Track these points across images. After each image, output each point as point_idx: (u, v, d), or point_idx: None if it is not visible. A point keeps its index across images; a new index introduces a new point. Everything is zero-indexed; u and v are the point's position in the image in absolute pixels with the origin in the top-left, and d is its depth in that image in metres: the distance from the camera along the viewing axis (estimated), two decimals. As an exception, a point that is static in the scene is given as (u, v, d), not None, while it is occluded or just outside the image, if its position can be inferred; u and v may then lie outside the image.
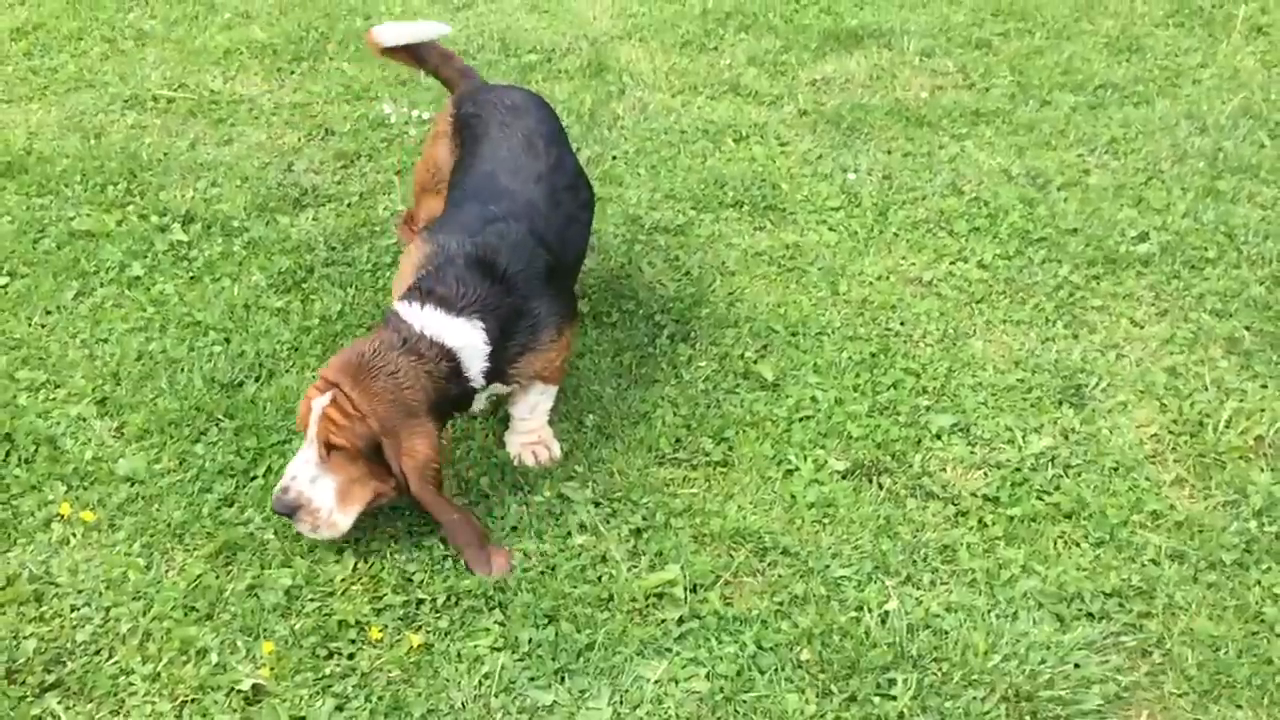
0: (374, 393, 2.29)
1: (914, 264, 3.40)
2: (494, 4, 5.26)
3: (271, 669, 2.14)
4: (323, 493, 2.31)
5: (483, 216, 2.56)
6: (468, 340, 2.40)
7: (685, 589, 2.34)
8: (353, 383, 2.29)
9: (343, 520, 2.34)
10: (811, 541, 2.47)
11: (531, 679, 2.16)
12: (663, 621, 2.28)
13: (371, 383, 2.30)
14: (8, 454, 2.62)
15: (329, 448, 2.30)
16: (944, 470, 2.67)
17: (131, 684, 2.12)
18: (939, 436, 2.75)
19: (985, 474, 2.65)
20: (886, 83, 4.52)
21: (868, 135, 4.12)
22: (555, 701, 2.12)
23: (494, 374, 2.47)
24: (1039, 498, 2.58)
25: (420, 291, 2.43)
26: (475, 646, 2.22)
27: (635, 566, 2.40)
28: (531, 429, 2.69)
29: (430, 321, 2.38)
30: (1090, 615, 2.31)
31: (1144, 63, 4.67)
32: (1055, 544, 2.48)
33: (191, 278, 3.29)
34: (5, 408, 2.75)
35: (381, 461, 2.31)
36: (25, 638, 2.18)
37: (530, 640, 2.23)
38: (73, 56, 4.60)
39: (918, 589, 2.37)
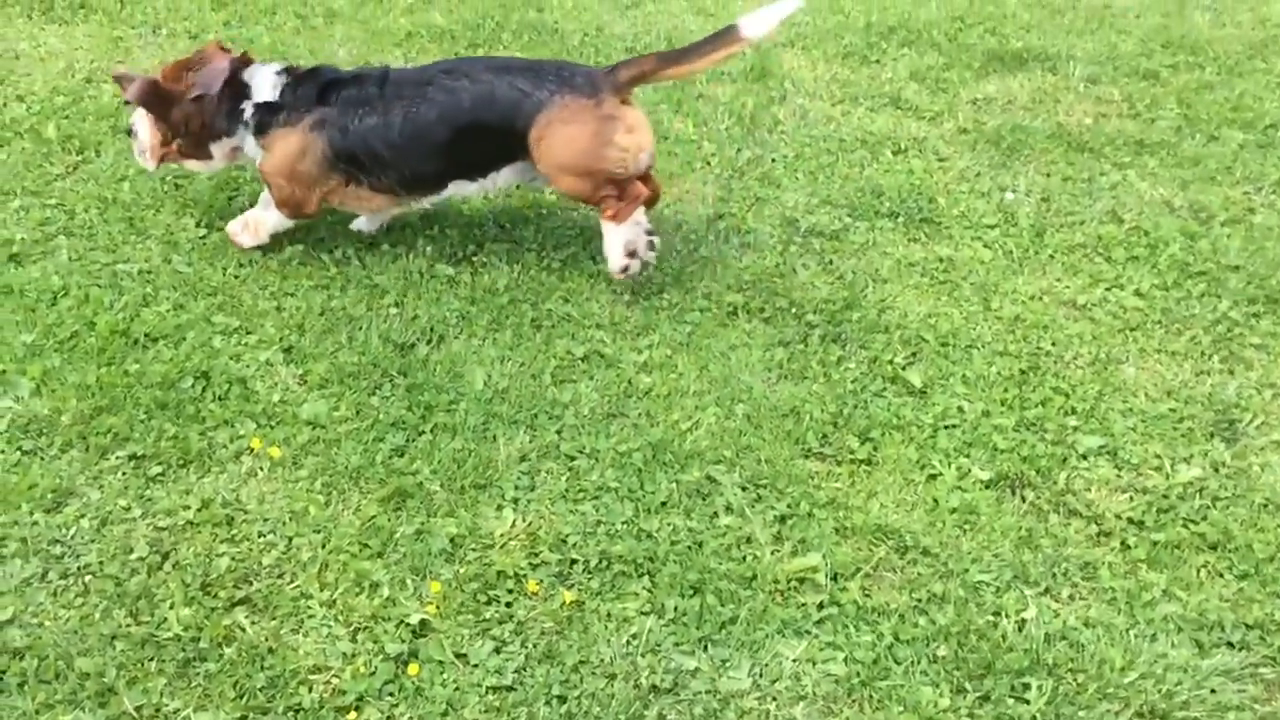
0: None
1: (1068, 287, 3.42)
2: (661, 4, 5.41)
3: (437, 607, 2.30)
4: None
5: None
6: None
7: (827, 576, 2.43)
8: None
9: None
10: (952, 545, 2.53)
11: (676, 644, 2.28)
12: (803, 605, 2.37)
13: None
14: (204, 389, 2.84)
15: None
16: (1089, 490, 2.70)
17: (310, 608, 2.30)
18: (1085, 457, 2.78)
19: (1131, 498, 2.67)
20: (1049, 106, 4.52)
21: (1027, 157, 4.14)
22: (698, 667, 2.23)
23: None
24: (1185, 526, 2.60)
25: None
26: (624, 608, 2.34)
27: (778, 550, 2.50)
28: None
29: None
30: (1230, 644, 2.33)
31: (1320, 104, 4.58)
32: (1198, 572, 2.49)
33: (371, 243, 3.49)
34: (202, 348, 2.98)
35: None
36: (219, 555, 2.38)
37: (676, 608, 2.34)
38: (268, 29, 4.89)
39: (1056, 601, 2.41)
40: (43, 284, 3.15)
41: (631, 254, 3.22)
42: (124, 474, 2.57)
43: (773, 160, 4.08)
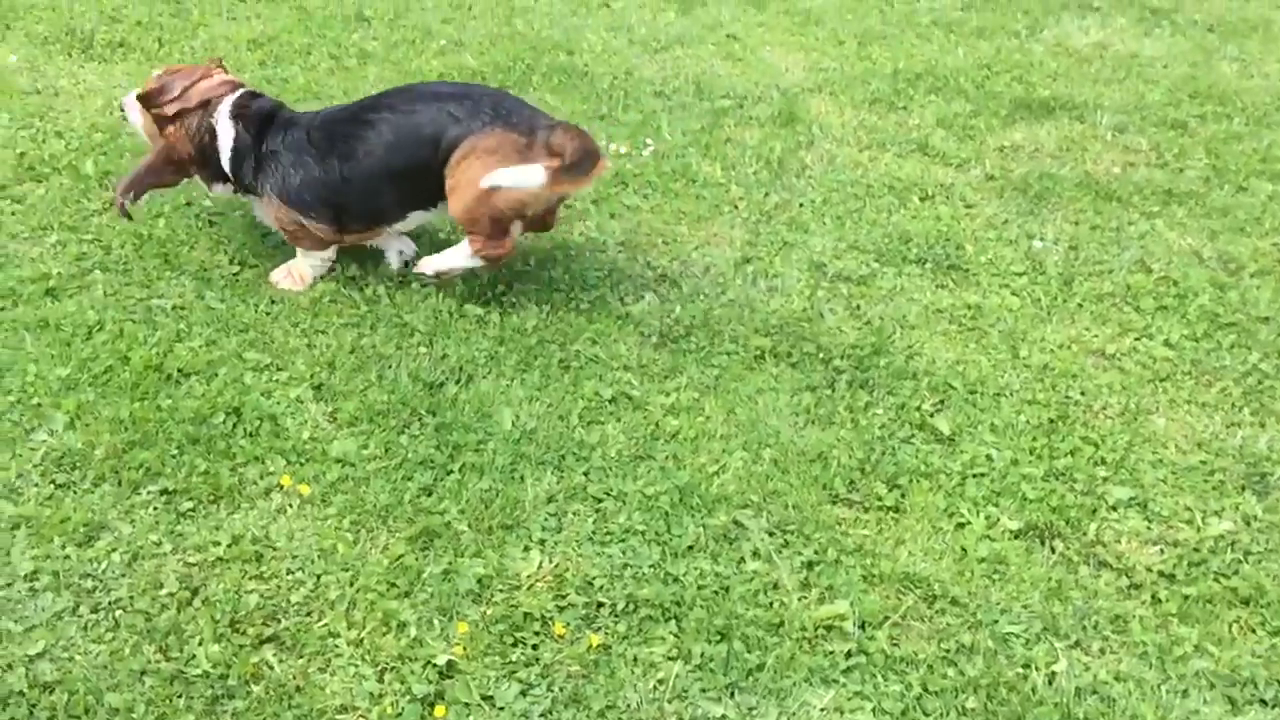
0: None
1: (1097, 336, 3.41)
2: (690, 48, 5.46)
3: (464, 648, 2.30)
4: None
5: None
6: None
7: (854, 624, 2.41)
8: None
9: None
10: (981, 595, 2.51)
11: (703, 690, 2.27)
12: (831, 653, 2.36)
13: None
14: (235, 425, 2.86)
15: None
16: (1119, 542, 2.68)
17: (338, 646, 2.30)
18: (1115, 508, 2.77)
19: (1161, 550, 2.65)
20: (1076, 155, 4.53)
21: (1055, 205, 4.15)
22: (725, 715, 2.22)
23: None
24: (1216, 580, 2.57)
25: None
26: (651, 653, 2.34)
27: (806, 597, 2.49)
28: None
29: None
30: (1263, 701, 2.30)
31: (1349, 156, 4.57)
32: (1231, 628, 2.46)
33: (401, 281, 3.52)
34: (234, 384, 3.00)
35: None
36: (248, 592, 2.39)
37: (703, 654, 2.33)
38: (302, 69, 4.96)
39: (1087, 655, 2.39)
40: (78, 318, 3.19)
41: (449, 280, 3.41)
42: (155, 509, 2.59)
43: (800, 205, 4.10)
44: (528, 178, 3.13)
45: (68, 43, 5.05)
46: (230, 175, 3.42)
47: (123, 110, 3.59)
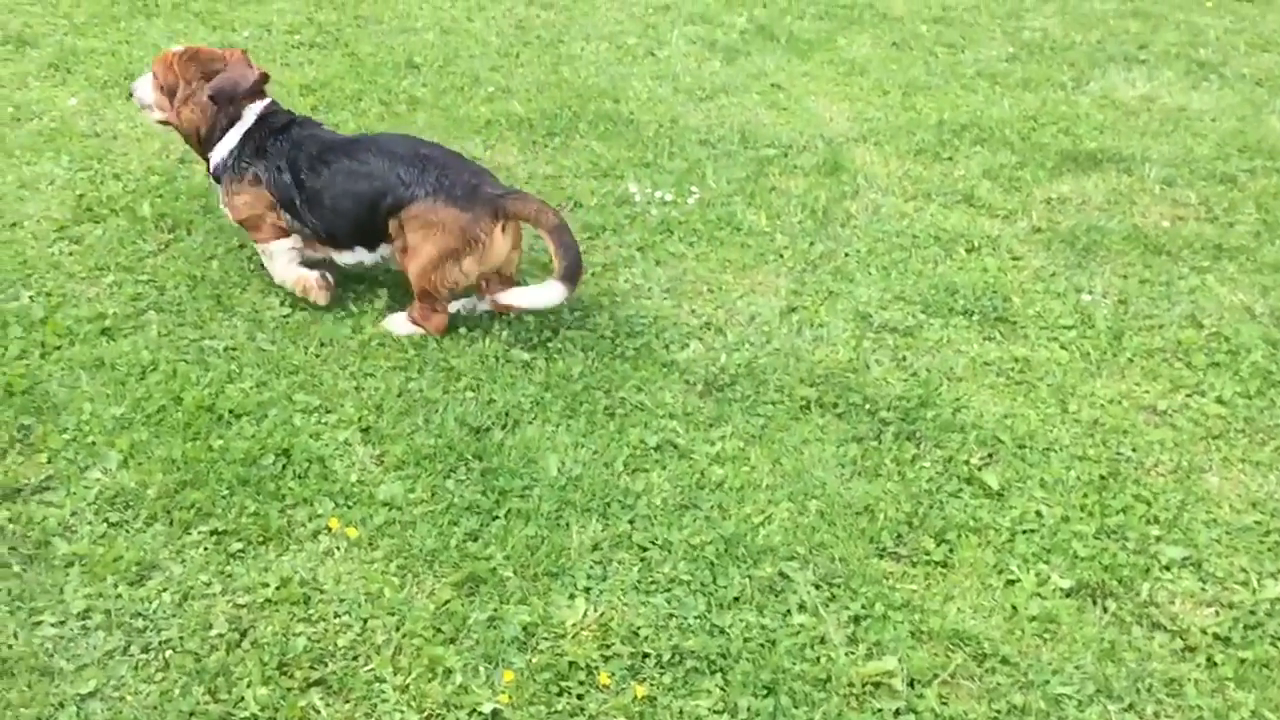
0: None
1: (1148, 392, 3.38)
2: (735, 97, 5.51)
3: (510, 697, 2.29)
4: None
5: None
6: None
7: (903, 681, 2.38)
8: None
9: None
10: (1032, 654, 2.48)
11: (750, 746, 2.24)
12: (879, 710, 2.33)
13: None
14: (284, 467, 2.89)
15: None
16: (1172, 603, 2.63)
17: (384, 692, 2.30)
18: (1169, 568, 2.72)
19: (1216, 612, 2.61)
20: (1124, 208, 4.51)
21: (1103, 258, 4.12)
22: (771, 771, 2.20)
23: None
24: (1274, 644, 2.52)
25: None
26: (696, 705, 2.32)
27: (853, 652, 2.46)
28: None
29: None
30: (1326, 773, 2.24)
31: (1403, 212, 4.52)
32: (1290, 694, 2.41)
33: (448, 327, 3.55)
34: (284, 426, 3.03)
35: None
36: (296, 635, 2.40)
37: (749, 708, 2.31)
38: (353, 114, 5.05)
39: (1140, 718, 2.34)
40: (133, 358, 3.24)
41: (405, 332, 3.49)
42: (206, 549, 2.61)
43: (845, 254, 4.10)
44: (546, 298, 3.33)
45: (126, 87, 5.17)
46: (212, 159, 3.61)
47: (132, 94, 3.72)
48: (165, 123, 3.68)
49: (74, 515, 2.67)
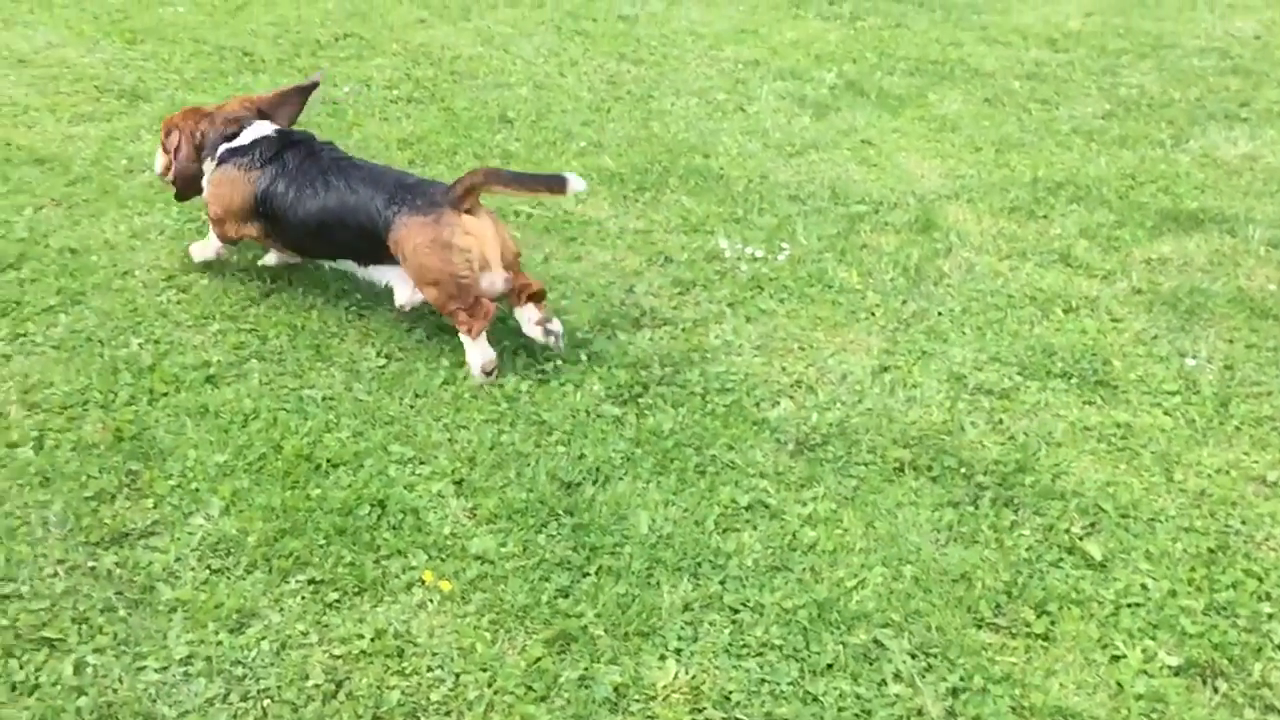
0: None
1: (1258, 462, 3.27)
2: (825, 153, 5.51)
3: (601, 760, 2.28)
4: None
5: None
6: None
7: (1004, 759, 2.32)
8: None
9: None
10: (1139, 735, 2.39)
11: (845, 820, 2.19)
12: (979, 789, 2.26)
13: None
14: (380, 518, 2.93)
15: None
16: (1288, 685, 2.53)
17: (475, 749, 2.30)
18: (1283, 648, 2.62)
19: (1336, 697, 2.49)
20: (1228, 269, 4.40)
21: (1207, 321, 4.02)
22: None
23: None
24: (1400, 734, 2.40)
25: None
26: (790, 776, 2.28)
27: (951, 727, 2.40)
28: None
29: None
30: None
31: None
32: None
33: (540, 380, 3.58)
34: (379, 476, 3.08)
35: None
36: (390, 688, 2.42)
37: (844, 781, 2.26)
38: (448, 168, 5.15)
39: (1257, 808, 2.24)
40: (235, 406, 3.32)
41: (488, 372, 3.54)
42: (303, 598, 2.64)
43: (939, 313, 4.06)
44: (574, 186, 3.54)
45: (233, 140, 5.35)
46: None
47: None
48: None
49: (178, 561, 2.73)
